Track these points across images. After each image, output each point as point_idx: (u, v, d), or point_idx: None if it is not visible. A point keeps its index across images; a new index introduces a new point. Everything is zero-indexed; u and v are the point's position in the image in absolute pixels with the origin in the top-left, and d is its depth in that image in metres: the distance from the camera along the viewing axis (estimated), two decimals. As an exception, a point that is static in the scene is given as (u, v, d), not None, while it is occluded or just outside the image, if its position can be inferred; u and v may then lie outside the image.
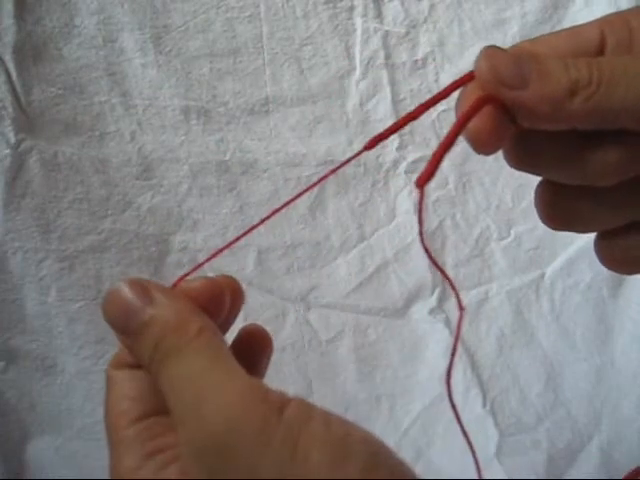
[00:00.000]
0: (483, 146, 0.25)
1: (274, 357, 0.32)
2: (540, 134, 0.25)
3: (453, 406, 0.25)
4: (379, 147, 0.65)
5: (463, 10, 0.59)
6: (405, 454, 0.70)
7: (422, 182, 0.24)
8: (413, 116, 0.26)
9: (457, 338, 0.24)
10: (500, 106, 0.24)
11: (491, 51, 0.24)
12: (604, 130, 0.24)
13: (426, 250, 0.25)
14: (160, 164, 0.58)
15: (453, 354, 0.25)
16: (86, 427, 0.60)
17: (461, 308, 0.24)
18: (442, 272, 0.25)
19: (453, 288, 0.24)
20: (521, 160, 0.27)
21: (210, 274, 0.65)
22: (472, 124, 0.24)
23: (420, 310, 0.63)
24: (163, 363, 0.24)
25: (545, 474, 0.64)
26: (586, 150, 0.25)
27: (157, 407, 0.25)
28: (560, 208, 0.27)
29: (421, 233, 0.25)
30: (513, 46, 0.26)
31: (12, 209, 0.56)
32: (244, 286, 0.66)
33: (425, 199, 0.24)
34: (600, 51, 0.26)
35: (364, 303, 0.62)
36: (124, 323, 0.25)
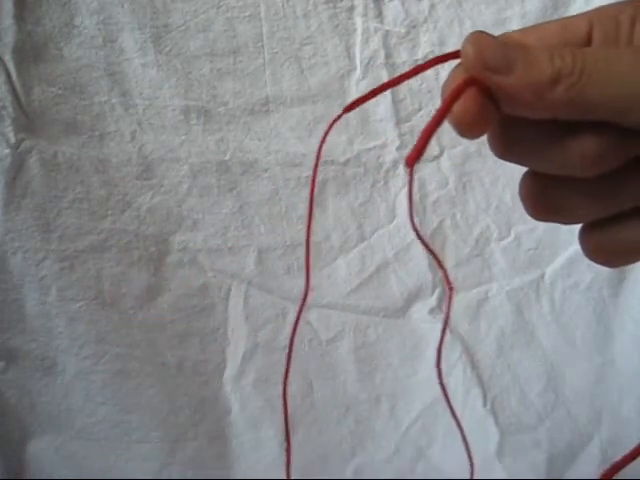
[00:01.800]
0: (467, 129, 0.25)
1: (274, 357, 0.32)
2: (523, 122, 0.26)
3: (444, 390, 0.25)
4: (379, 147, 0.65)
5: (463, 10, 0.59)
6: (405, 454, 0.70)
7: (411, 161, 0.24)
8: (396, 81, 0.27)
9: (447, 316, 0.24)
10: (485, 90, 0.24)
11: (477, 35, 0.24)
12: (585, 121, 0.25)
13: (415, 230, 0.25)
14: (160, 164, 0.58)
15: (443, 332, 0.25)
16: (86, 427, 0.60)
17: (450, 288, 0.25)
18: (432, 253, 0.25)
19: (441, 266, 0.25)
20: (504, 148, 0.27)
21: (210, 274, 0.65)
22: (456, 107, 0.24)
23: (420, 310, 0.63)
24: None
25: (545, 474, 0.64)
26: (565, 140, 0.25)
27: None
28: (543, 198, 0.28)
29: (411, 214, 0.25)
30: (501, 35, 0.26)
31: (12, 209, 0.56)
32: (244, 286, 0.66)
33: (414, 180, 0.24)
34: (588, 43, 0.26)
35: (364, 303, 0.62)
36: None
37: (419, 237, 0.25)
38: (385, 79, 0.60)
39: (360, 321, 0.62)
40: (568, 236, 0.62)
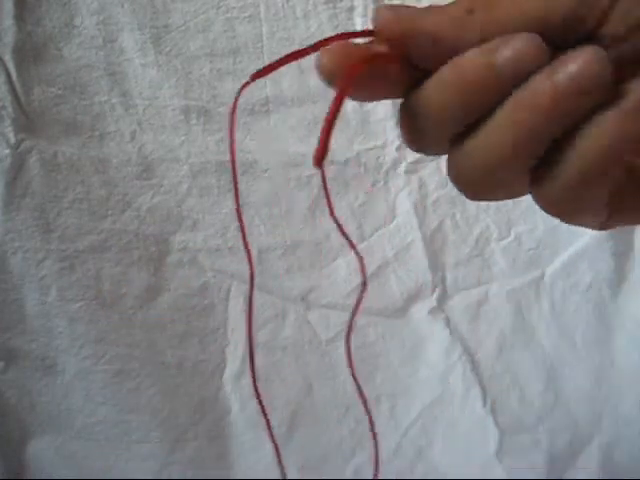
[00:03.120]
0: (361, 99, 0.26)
1: (274, 357, 0.32)
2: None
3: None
4: (379, 147, 0.65)
5: (463, 10, 0.59)
6: (405, 454, 0.70)
7: (318, 161, 0.24)
8: (298, 55, 0.27)
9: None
10: (377, 65, 0.25)
11: (385, 5, 0.25)
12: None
13: (337, 223, 0.25)
14: (160, 164, 0.58)
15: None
16: (86, 427, 0.60)
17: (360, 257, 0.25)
18: (344, 234, 0.25)
19: (349, 242, 0.25)
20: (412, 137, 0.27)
21: (210, 274, 0.65)
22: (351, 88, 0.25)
23: (420, 310, 0.63)
24: None
25: (545, 474, 0.64)
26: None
27: None
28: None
29: (331, 211, 0.25)
30: None
31: (12, 209, 0.56)
32: (244, 286, 0.66)
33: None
34: None
35: (364, 303, 0.62)
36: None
37: (342, 232, 0.26)
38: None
39: (360, 321, 0.62)
40: (568, 236, 0.62)
